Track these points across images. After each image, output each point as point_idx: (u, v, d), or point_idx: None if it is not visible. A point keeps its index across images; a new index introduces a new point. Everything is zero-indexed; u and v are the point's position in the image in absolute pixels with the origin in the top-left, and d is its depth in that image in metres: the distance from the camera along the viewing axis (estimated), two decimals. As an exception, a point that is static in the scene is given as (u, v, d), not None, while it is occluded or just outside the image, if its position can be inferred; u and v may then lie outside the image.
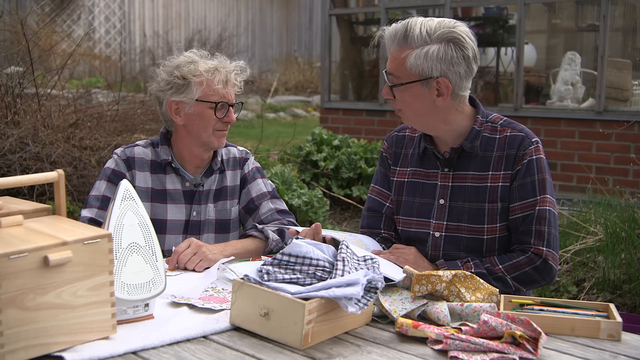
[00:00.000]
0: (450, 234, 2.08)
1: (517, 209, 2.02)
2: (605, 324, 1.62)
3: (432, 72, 1.96)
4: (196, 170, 2.39)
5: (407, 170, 2.19)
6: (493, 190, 2.04)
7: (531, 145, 2.03)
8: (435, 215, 2.11)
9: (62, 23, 13.45)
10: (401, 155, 2.23)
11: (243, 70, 2.35)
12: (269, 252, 2.27)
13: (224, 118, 2.30)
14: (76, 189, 4.77)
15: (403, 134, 2.25)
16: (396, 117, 7.42)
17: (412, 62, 1.96)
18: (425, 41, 1.95)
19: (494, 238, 2.05)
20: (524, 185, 2.02)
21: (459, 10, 7.43)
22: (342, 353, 1.50)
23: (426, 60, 1.95)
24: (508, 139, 2.05)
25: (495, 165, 2.05)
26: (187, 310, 1.72)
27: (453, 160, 2.09)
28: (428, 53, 1.95)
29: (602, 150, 6.21)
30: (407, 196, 2.17)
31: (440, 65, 1.95)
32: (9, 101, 4.87)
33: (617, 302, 3.66)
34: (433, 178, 2.13)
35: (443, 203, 2.10)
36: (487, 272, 1.99)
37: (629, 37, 6.99)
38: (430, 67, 1.96)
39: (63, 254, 1.41)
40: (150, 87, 2.41)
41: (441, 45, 1.95)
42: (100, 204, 2.26)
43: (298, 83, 15.90)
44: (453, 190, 2.09)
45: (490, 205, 2.04)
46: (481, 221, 2.04)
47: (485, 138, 2.07)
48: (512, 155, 2.03)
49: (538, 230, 2.01)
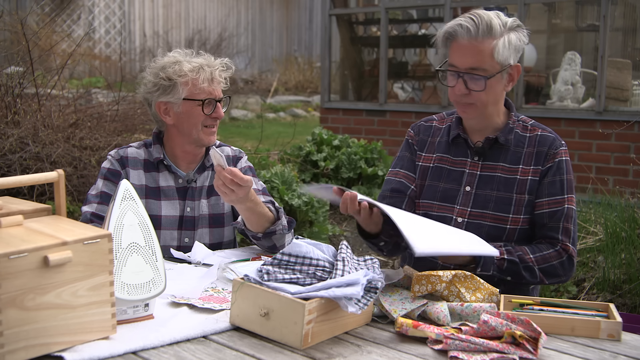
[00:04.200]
0: (473, 221, 2.13)
1: (544, 204, 2.10)
2: (605, 324, 1.62)
3: (510, 59, 2.07)
4: (188, 166, 2.42)
5: (433, 156, 2.25)
6: (522, 183, 2.11)
7: (562, 146, 2.14)
8: (460, 201, 2.16)
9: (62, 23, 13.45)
10: (427, 142, 2.29)
11: (228, 67, 2.38)
12: (271, 232, 2.26)
13: (212, 114, 2.33)
14: (76, 189, 4.77)
15: (430, 124, 2.32)
16: (396, 117, 7.43)
17: (500, 51, 2.04)
18: (503, 31, 2.05)
19: (515, 229, 2.10)
20: (553, 182, 2.10)
21: (459, 10, 7.41)
22: (342, 353, 1.51)
23: (509, 49, 2.05)
24: (539, 138, 2.15)
25: (525, 160, 2.13)
26: (187, 310, 1.72)
27: (485, 150, 2.16)
28: (511, 42, 2.04)
29: (602, 150, 6.21)
30: (432, 180, 2.23)
31: (516, 52, 2.08)
32: (9, 101, 4.87)
33: (617, 302, 3.65)
34: (460, 165, 2.19)
35: (469, 190, 2.16)
36: (519, 260, 2.03)
37: (629, 37, 6.99)
38: (509, 54, 2.06)
39: (63, 254, 1.41)
40: (138, 90, 2.44)
41: (514, 33, 2.06)
42: (100, 200, 2.30)
43: (298, 83, 15.89)
44: (481, 179, 2.15)
45: (518, 196, 2.10)
46: (507, 210, 2.11)
47: (517, 135, 2.17)
48: (543, 152, 2.12)
49: (565, 227, 2.09)
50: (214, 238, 2.41)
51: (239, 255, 2.27)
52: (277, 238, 2.27)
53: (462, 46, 2.04)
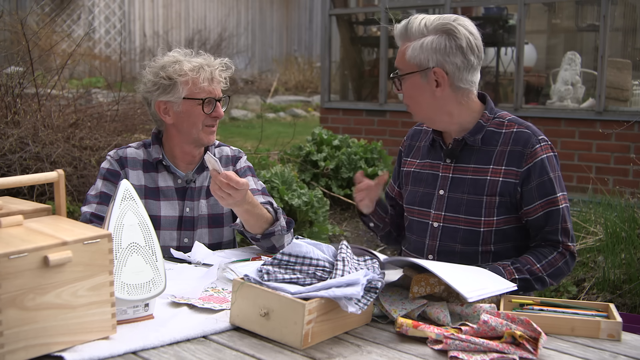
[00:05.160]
0: (448, 225, 2.11)
1: (538, 207, 2.05)
2: (605, 324, 1.62)
3: (428, 63, 2.02)
4: (187, 167, 2.42)
5: (416, 161, 2.26)
6: (492, 184, 2.06)
7: (538, 143, 2.05)
8: (434, 205, 2.15)
9: (62, 23, 13.45)
10: (414, 147, 2.30)
11: (227, 66, 2.38)
12: (270, 233, 2.27)
13: (212, 113, 2.33)
14: (76, 189, 4.77)
15: (421, 128, 2.33)
16: (396, 117, 7.43)
17: (410, 53, 2.03)
18: (422, 33, 2.02)
19: (491, 231, 2.07)
20: (542, 184, 2.04)
21: (459, 10, 7.42)
22: (342, 353, 1.51)
23: (422, 51, 2.02)
24: (514, 135, 2.07)
25: (497, 160, 2.07)
26: (187, 310, 1.72)
27: (455, 152, 2.12)
28: (424, 44, 2.01)
29: (602, 150, 6.21)
30: (413, 186, 2.24)
31: (435, 55, 2.01)
32: (9, 101, 4.87)
33: (617, 302, 3.65)
34: (435, 169, 2.18)
35: (442, 194, 2.14)
36: (529, 274, 2.00)
37: (629, 37, 6.99)
38: (426, 57, 2.02)
39: (63, 254, 1.41)
40: (137, 89, 2.44)
41: (436, 36, 2.01)
42: (99, 200, 2.30)
43: (298, 83, 15.89)
44: (453, 182, 2.12)
45: (489, 198, 2.06)
46: (478, 213, 2.07)
47: (489, 132, 2.10)
48: (517, 152, 2.05)
49: (564, 227, 2.06)
50: (213, 238, 2.41)
51: (238, 255, 2.27)
52: (276, 239, 2.27)
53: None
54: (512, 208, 2.07)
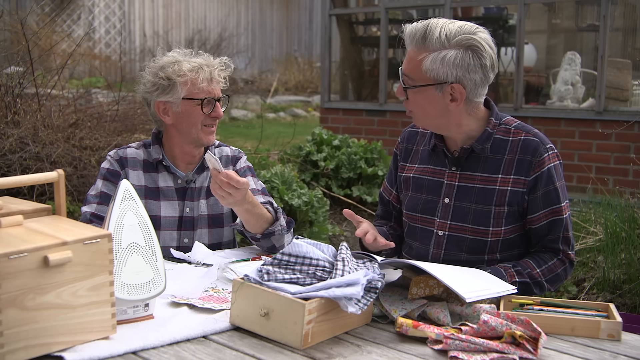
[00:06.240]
0: (454, 234, 2.08)
1: (542, 216, 2.03)
2: (605, 324, 1.62)
3: (447, 77, 1.93)
4: (187, 167, 2.42)
5: (415, 166, 2.20)
6: (501, 194, 2.02)
7: (546, 152, 2.02)
8: (439, 213, 2.11)
9: (62, 23, 13.45)
10: (412, 151, 2.24)
11: (227, 66, 2.38)
12: (270, 233, 2.27)
13: (212, 113, 2.33)
14: (76, 189, 4.77)
15: (416, 130, 2.26)
16: (396, 117, 7.43)
17: (428, 65, 1.93)
18: (443, 45, 1.91)
19: (498, 240, 2.05)
20: (547, 193, 2.01)
21: (459, 10, 7.43)
22: (342, 353, 1.50)
23: (442, 65, 1.91)
24: (522, 143, 2.03)
25: (505, 169, 2.03)
26: (187, 310, 1.72)
27: (462, 160, 2.07)
28: (445, 58, 1.91)
29: (602, 150, 6.21)
30: (414, 192, 2.18)
31: (456, 71, 1.92)
32: (9, 101, 4.87)
33: (617, 302, 3.65)
34: (439, 176, 2.12)
35: (448, 202, 2.09)
36: (529, 278, 2.00)
37: (629, 37, 6.99)
38: (445, 72, 1.92)
39: (63, 254, 1.41)
40: (137, 90, 2.45)
41: (459, 51, 1.91)
42: (100, 200, 2.31)
43: (298, 83, 15.89)
44: (459, 190, 2.07)
45: (497, 209, 2.02)
46: (486, 223, 2.04)
47: (497, 140, 2.05)
48: (526, 160, 2.01)
49: (565, 236, 2.06)
50: (213, 238, 2.41)
51: (238, 255, 2.27)
52: (276, 239, 2.27)
53: (407, 49, 2.00)
54: (519, 217, 2.06)
